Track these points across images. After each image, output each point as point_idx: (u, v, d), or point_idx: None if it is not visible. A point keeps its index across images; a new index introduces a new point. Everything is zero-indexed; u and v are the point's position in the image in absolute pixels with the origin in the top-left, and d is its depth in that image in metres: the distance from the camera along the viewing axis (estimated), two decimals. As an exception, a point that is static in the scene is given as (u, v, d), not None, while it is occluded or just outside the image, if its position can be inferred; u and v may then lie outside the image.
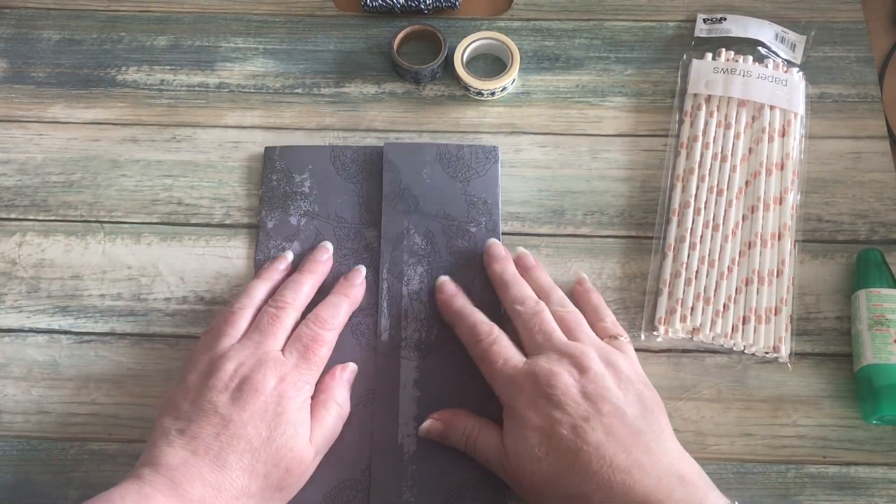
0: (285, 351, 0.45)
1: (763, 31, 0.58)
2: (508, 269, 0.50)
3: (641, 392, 0.44)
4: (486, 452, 0.45)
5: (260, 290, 0.49)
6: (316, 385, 0.46)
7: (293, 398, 0.43)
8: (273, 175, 0.54)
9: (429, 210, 0.53)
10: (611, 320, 0.49)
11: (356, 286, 0.50)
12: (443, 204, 0.53)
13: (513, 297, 0.48)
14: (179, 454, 0.40)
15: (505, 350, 0.46)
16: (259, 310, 0.47)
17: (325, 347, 0.46)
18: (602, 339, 0.47)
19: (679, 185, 0.54)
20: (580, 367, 0.43)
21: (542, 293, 0.49)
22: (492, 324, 0.47)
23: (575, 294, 0.51)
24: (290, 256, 0.52)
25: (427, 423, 0.47)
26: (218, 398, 0.42)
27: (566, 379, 0.43)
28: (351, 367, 0.48)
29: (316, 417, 0.45)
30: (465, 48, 0.57)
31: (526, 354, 0.46)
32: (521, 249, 0.52)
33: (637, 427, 0.42)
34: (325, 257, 0.51)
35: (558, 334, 0.46)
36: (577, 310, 0.48)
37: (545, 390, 0.43)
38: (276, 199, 0.53)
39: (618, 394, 0.43)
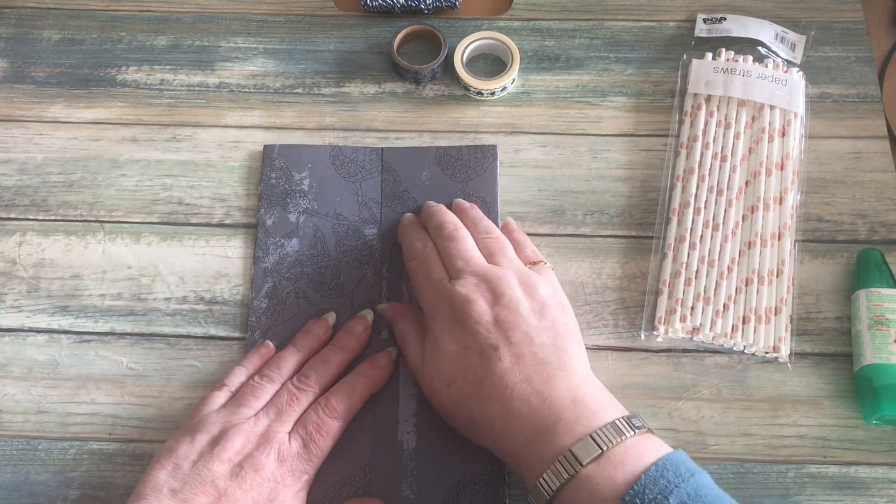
0: (291, 434, 0.44)
1: (763, 31, 0.58)
2: (434, 204, 0.51)
3: (556, 318, 0.44)
4: (408, 361, 0.47)
5: (291, 361, 0.47)
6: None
7: (289, 486, 0.42)
8: (272, 173, 0.54)
9: None
10: (531, 250, 0.49)
11: (379, 368, 0.47)
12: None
13: (434, 225, 0.49)
14: None
15: (432, 270, 0.46)
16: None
17: (329, 439, 0.44)
18: (524, 265, 0.47)
19: (679, 185, 0.54)
20: (496, 293, 0.44)
21: (469, 223, 0.49)
22: (426, 242, 0.48)
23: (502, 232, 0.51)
24: (331, 320, 0.50)
25: (384, 306, 0.50)
26: (219, 468, 0.41)
27: (480, 305, 0.43)
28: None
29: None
30: (465, 48, 0.57)
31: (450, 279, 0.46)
32: (457, 200, 0.52)
33: (543, 356, 0.42)
34: (360, 330, 0.49)
35: (479, 259, 0.46)
36: (502, 236, 0.49)
37: (459, 316, 0.43)
38: (275, 197, 0.53)
39: (530, 321, 0.43)
